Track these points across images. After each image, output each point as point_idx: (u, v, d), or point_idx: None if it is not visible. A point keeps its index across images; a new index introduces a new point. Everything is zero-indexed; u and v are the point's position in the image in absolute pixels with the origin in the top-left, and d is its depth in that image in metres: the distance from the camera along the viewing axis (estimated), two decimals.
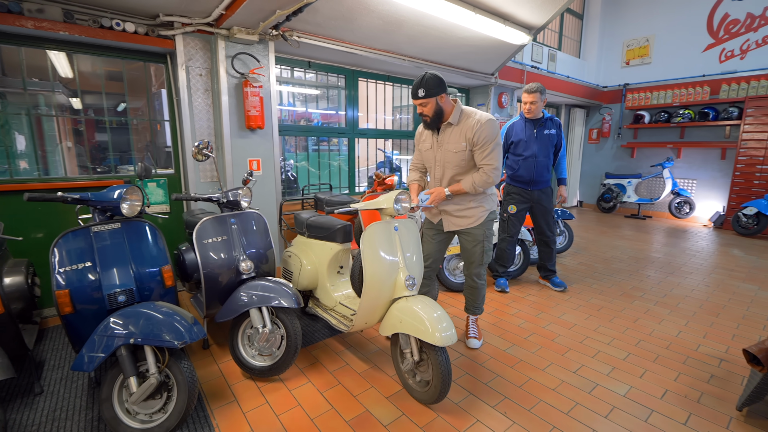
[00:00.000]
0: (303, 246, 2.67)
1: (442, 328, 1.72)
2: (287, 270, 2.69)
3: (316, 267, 2.54)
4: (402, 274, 1.93)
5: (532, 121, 3.19)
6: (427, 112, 2.08)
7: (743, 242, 5.43)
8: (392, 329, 1.89)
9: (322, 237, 2.51)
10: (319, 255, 2.52)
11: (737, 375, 2.21)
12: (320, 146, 4.96)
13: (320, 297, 2.55)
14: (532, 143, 3.16)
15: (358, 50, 3.79)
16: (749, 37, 6.01)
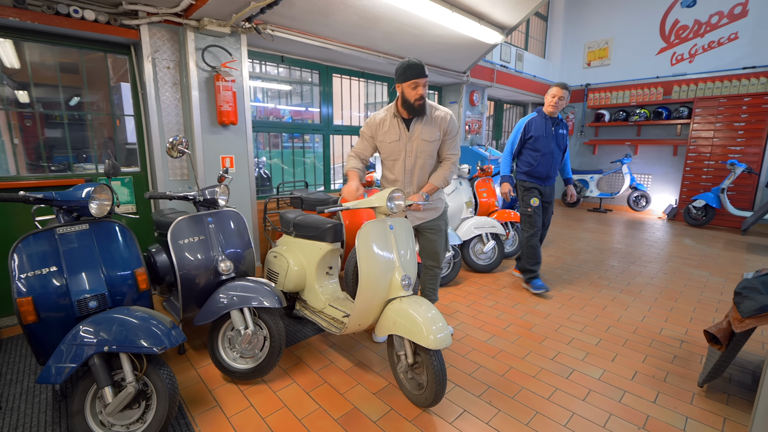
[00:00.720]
0: (290, 246, 2.59)
1: (437, 330, 1.67)
2: (272, 271, 2.60)
3: (303, 268, 2.47)
4: (398, 273, 1.88)
5: (550, 119, 3.25)
6: (423, 94, 2.08)
7: (694, 232, 5.86)
8: (387, 331, 1.84)
9: (311, 236, 2.44)
10: (308, 255, 2.46)
11: (696, 354, 2.39)
12: (294, 143, 4.87)
13: (308, 299, 2.49)
14: (551, 140, 3.22)
15: (334, 46, 3.74)
16: (697, 42, 6.47)
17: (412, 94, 2.04)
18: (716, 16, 6.23)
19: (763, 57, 5.82)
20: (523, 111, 8.45)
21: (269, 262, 2.64)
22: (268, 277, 2.62)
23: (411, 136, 2.18)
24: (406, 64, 2.03)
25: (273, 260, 2.61)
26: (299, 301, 2.55)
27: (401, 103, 2.13)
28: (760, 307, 1.74)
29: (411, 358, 1.83)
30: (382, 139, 2.22)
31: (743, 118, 5.86)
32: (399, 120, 2.18)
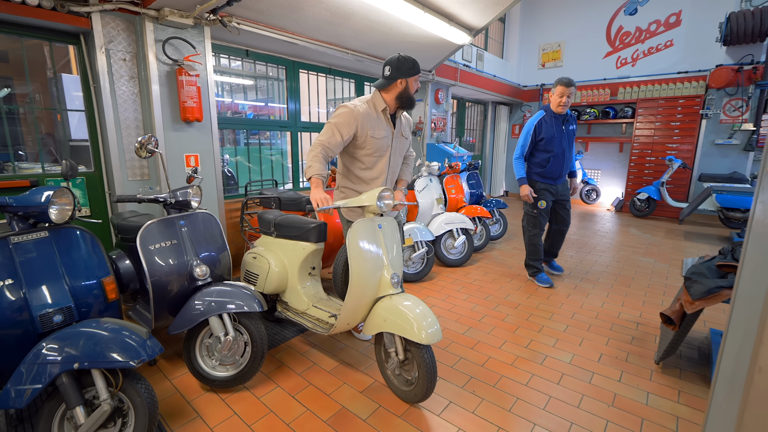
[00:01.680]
0: (270, 247, 2.50)
1: (427, 325, 1.71)
2: (250, 273, 2.50)
3: (285, 269, 2.40)
4: (387, 271, 1.89)
5: (560, 117, 3.22)
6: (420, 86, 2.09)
7: (639, 222, 6.39)
8: (377, 328, 1.84)
9: (294, 236, 2.37)
10: (290, 256, 2.39)
11: (650, 335, 2.62)
12: (252, 140, 4.71)
13: (289, 300, 2.43)
14: (562, 139, 3.20)
15: (302, 41, 3.66)
16: (638, 48, 7.02)
17: (413, 87, 2.06)
18: (654, 24, 6.79)
19: (694, 63, 6.43)
20: (483, 109, 8.74)
21: (247, 263, 2.54)
22: (246, 279, 2.52)
23: (396, 133, 2.18)
24: (411, 59, 2.01)
25: (252, 261, 2.50)
26: (280, 302, 2.49)
27: (398, 96, 2.04)
28: (707, 290, 1.94)
29: (402, 354, 1.85)
30: (371, 134, 2.05)
31: (678, 118, 6.45)
32: (387, 115, 2.11)
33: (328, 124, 2.00)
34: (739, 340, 1.03)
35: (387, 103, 2.08)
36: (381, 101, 2.07)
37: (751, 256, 1.09)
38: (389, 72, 2.01)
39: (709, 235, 5.51)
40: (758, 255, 0.98)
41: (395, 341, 1.86)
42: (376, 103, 2.08)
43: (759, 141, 5.88)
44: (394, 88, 2.03)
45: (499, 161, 8.98)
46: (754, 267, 1.01)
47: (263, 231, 2.59)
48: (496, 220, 4.93)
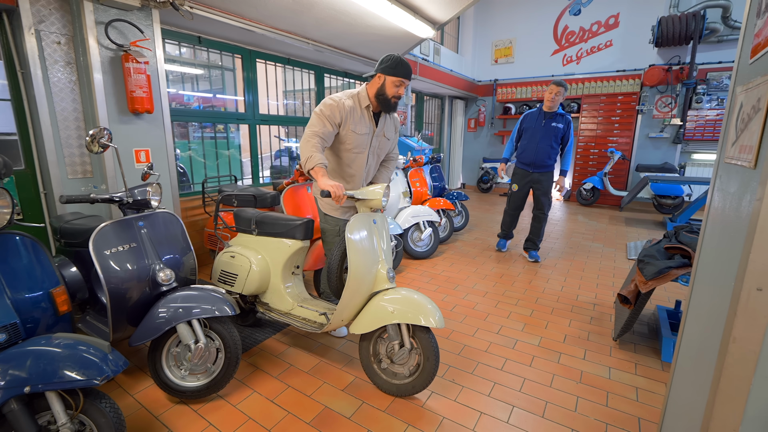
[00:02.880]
0: (250, 245, 2.36)
1: (433, 310, 1.79)
2: (227, 273, 2.33)
3: (267, 268, 2.28)
4: (382, 266, 1.91)
5: (544, 113, 3.62)
6: (402, 95, 2.03)
7: (585, 210, 6.87)
8: (379, 322, 1.80)
9: (278, 233, 2.25)
10: (273, 254, 2.27)
11: (606, 314, 2.83)
12: (216, 133, 4.45)
13: (271, 301, 2.31)
14: (538, 131, 3.63)
15: (261, 29, 3.48)
16: (582, 47, 7.48)
17: (393, 90, 1.98)
18: (596, 25, 7.27)
19: (630, 62, 6.98)
20: (440, 103, 8.90)
21: (223, 263, 2.36)
22: (222, 280, 2.36)
23: (378, 132, 2.15)
24: (398, 60, 1.94)
25: (229, 261, 2.34)
26: (260, 304, 2.36)
27: (375, 93, 2.01)
28: (658, 270, 2.13)
29: (409, 343, 1.84)
30: (353, 128, 2.03)
31: (618, 113, 6.99)
32: (370, 112, 2.08)
33: (317, 114, 1.97)
34: (705, 316, 1.14)
35: (370, 99, 2.05)
36: (365, 97, 2.05)
37: (711, 238, 1.20)
38: (375, 67, 2.01)
39: (645, 221, 6.06)
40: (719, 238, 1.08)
41: (402, 332, 1.84)
42: (361, 98, 2.06)
43: (685, 135, 6.53)
44: (374, 83, 2.02)
45: (457, 154, 9.22)
46: (716, 249, 1.11)
47: (241, 229, 2.43)
48: (459, 211, 5.07)
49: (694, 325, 1.24)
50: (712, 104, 6.35)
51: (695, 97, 6.37)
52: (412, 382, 1.88)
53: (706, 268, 1.20)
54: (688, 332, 1.28)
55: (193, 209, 3.70)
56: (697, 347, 1.15)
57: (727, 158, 1.09)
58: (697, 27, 5.81)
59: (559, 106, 3.64)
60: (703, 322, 1.14)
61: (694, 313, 1.26)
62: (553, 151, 3.68)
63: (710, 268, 1.15)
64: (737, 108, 1.08)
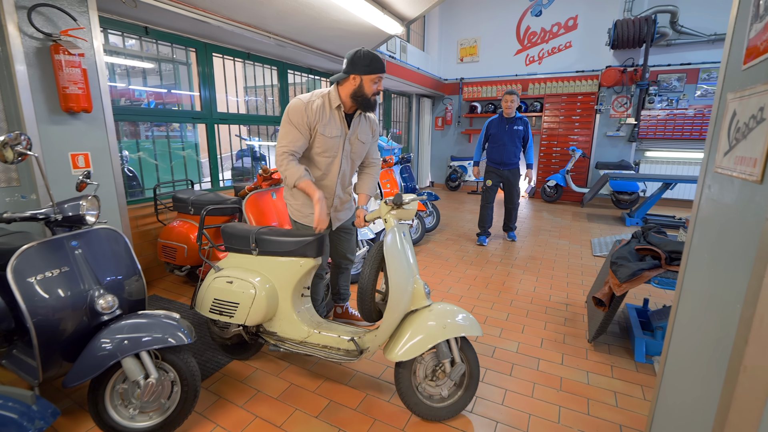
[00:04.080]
0: (250, 266, 2.03)
1: (472, 318, 1.77)
2: (223, 302, 1.98)
3: (274, 292, 1.98)
4: (417, 282, 1.76)
5: (506, 119, 4.27)
6: (381, 90, 1.95)
7: (549, 207, 7.06)
8: (431, 341, 1.65)
9: (287, 252, 1.94)
10: (282, 276, 1.97)
11: (579, 314, 2.85)
12: (168, 132, 4.10)
13: (280, 330, 2.03)
14: (503, 135, 4.29)
15: (216, 20, 3.20)
16: (543, 47, 7.66)
17: (371, 88, 1.87)
18: (556, 26, 7.46)
19: (588, 63, 7.22)
20: (408, 101, 8.83)
21: (216, 290, 2.00)
22: (215, 310, 2.01)
23: (350, 135, 2.00)
24: (372, 55, 1.82)
25: (226, 288, 1.98)
26: (267, 334, 2.06)
27: (352, 95, 1.88)
28: (632, 272, 2.14)
29: (459, 358, 1.72)
30: (321, 131, 1.91)
31: (578, 113, 7.22)
32: (341, 113, 1.95)
33: (286, 123, 1.90)
34: (699, 333, 1.09)
35: (342, 100, 1.91)
36: (336, 97, 1.92)
37: (702, 249, 1.16)
38: (344, 65, 1.86)
39: (605, 216, 6.30)
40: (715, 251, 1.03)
41: (452, 347, 1.72)
42: (332, 98, 1.93)
43: (639, 133, 6.85)
44: (347, 85, 1.88)
45: (425, 153, 9.20)
46: (712, 262, 1.07)
47: (235, 249, 2.07)
48: (430, 212, 5.00)
49: (685, 340, 1.20)
50: (663, 104, 6.70)
51: (648, 98, 6.70)
52: (458, 400, 1.80)
53: (697, 281, 1.16)
54: (677, 345, 1.25)
55: (144, 218, 3.37)
56: (689, 365, 1.12)
57: (719, 168, 1.04)
58: (649, 31, 6.08)
59: (515, 110, 4.27)
60: (697, 339, 1.10)
61: (684, 328, 1.22)
62: (518, 150, 4.38)
63: (703, 281, 1.11)
64: (728, 115, 1.03)
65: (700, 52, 6.36)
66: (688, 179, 5.32)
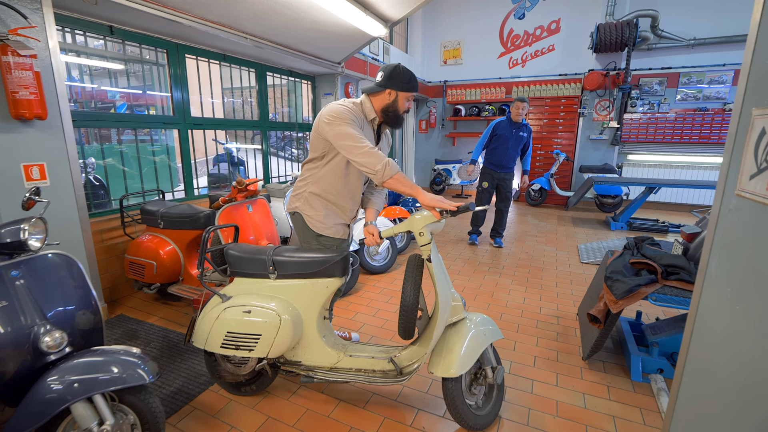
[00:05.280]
0: (270, 292, 1.81)
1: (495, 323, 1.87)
2: (241, 335, 1.73)
3: (299, 318, 1.79)
4: (454, 295, 1.76)
5: (514, 123, 4.25)
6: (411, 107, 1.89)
7: (534, 211, 7.04)
8: (479, 350, 1.71)
9: (312, 273, 1.77)
10: (306, 299, 1.79)
11: (570, 328, 2.77)
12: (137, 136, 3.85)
13: (304, 358, 1.86)
14: (509, 139, 4.26)
15: (187, 19, 3.00)
16: (527, 50, 7.66)
17: (404, 105, 1.83)
18: (539, 29, 7.47)
19: (571, 66, 7.25)
20: None
21: (230, 323, 1.74)
22: (228, 345, 1.75)
23: (378, 147, 1.93)
24: (410, 73, 1.79)
25: (244, 319, 1.73)
26: (290, 365, 1.87)
27: (383, 108, 1.82)
28: (628, 289, 2.05)
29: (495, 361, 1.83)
30: None
31: (561, 116, 7.24)
32: (374, 125, 1.90)
33: (344, 124, 1.67)
34: (723, 370, 0.99)
35: (376, 112, 1.85)
36: (371, 110, 1.84)
37: (723, 275, 1.05)
38: (380, 78, 1.78)
39: (590, 220, 6.31)
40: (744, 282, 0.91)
41: (490, 353, 1.80)
42: (366, 110, 1.84)
43: (622, 137, 6.91)
44: (381, 98, 1.81)
45: (409, 156, 9.09)
46: (736, 293, 0.96)
47: (246, 273, 1.83)
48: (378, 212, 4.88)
49: (700, 383, 1.09)
50: (645, 108, 6.77)
51: (630, 102, 6.76)
52: (492, 407, 1.84)
53: (715, 315, 1.05)
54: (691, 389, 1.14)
55: (111, 231, 3.13)
56: (707, 414, 1.01)
57: (744, 191, 0.94)
58: (631, 35, 6.13)
59: (523, 117, 4.25)
60: (717, 383, 0.99)
61: (700, 369, 1.10)
62: (517, 156, 4.40)
63: (725, 317, 1.00)
64: (755, 133, 0.93)
65: (681, 57, 6.45)
66: (671, 183, 5.35)
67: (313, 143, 1.85)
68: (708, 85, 6.33)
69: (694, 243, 2.20)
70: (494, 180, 4.43)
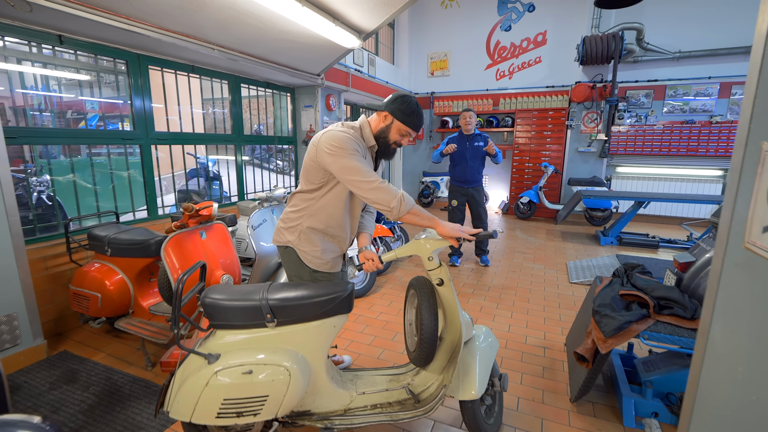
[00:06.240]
0: (271, 343, 1.52)
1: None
2: (243, 401, 1.42)
3: (307, 366, 1.54)
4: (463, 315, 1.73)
5: (466, 136, 4.16)
6: (404, 145, 1.75)
7: (523, 224, 6.87)
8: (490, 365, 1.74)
9: (319, 314, 1.54)
10: (313, 344, 1.56)
11: (558, 361, 2.55)
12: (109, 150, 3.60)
13: (314, 407, 1.65)
14: (465, 153, 4.15)
15: (144, 29, 2.78)
16: (513, 62, 7.58)
17: (396, 138, 1.68)
18: (526, 41, 7.40)
19: (558, 78, 7.17)
20: None
21: (224, 388, 1.41)
22: (227, 414, 1.43)
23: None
24: (416, 109, 1.65)
25: (243, 382, 1.42)
26: (301, 417, 1.63)
27: (378, 134, 1.68)
28: (618, 326, 1.84)
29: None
30: None
31: (549, 128, 7.13)
32: (373, 153, 1.75)
33: (348, 156, 1.52)
34: None
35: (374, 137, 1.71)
36: (370, 136, 1.69)
37: (724, 341, 0.85)
38: (384, 102, 1.68)
39: (579, 234, 6.15)
40: (744, 346, 0.71)
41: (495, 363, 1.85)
42: (366, 136, 1.69)
43: (610, 149, 6.80)
44: (377, 120, 1.69)
45: (396, 168, 8.92)
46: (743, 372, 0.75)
47: (235, 325, 1.50)
48: (398, 236, 4.67)
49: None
50: (632, 120, 6.69)
51: (617, 114, 6.67)
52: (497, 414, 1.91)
53: (719, 389, 0.85)
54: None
55: (58, 257, 2.86)
56: None
57: (754, 245, 0.74)
58: (617, 47, 6.06)
59: (474, 127, 4.17)
60: None
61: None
62: (481, 167, 4.28)
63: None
64: (765, 171, 0.73)
65: (667, 69, 6.40)
66: (660, 197, 5.22)
67: (309, 173, 1.65)
68: (694, 97, 6.27)
69: (689, 273, 2.01)
70: (463, 196, 4.31)
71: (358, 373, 1.87)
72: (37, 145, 3.14)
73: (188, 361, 1.50)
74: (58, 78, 3.25)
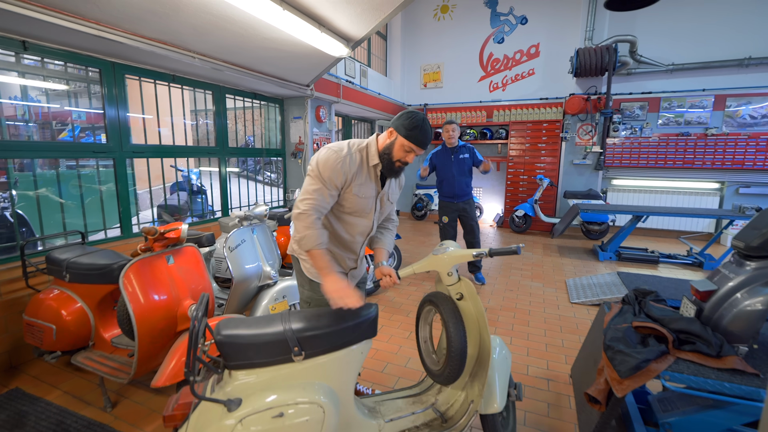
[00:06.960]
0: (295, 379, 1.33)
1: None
2: None
3: (336, 399, 1.35)
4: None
5: (450, 149, 3.99)
6: (410, 162, 1.63)
7: (518, 238, 6.70)
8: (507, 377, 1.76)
9: (346, 342, 1.38)
10: (341, 374, 1.40)
11: (563, 396, 2.33)
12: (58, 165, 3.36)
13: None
14: (451, 166, 3.98)
15: (116, 35, 2.59)
16: (507, 74, 7.51)
17: (400, 154, 1.59)
18: (519, 53, 7.34)
19: (552, 90, 7.10)
20: (370, 127, 8.41)
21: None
22: None
23: (382, 194, 1.72)
24: (422, 125, 1.55)
25: (275, 427, 1.23)
26: None
27: (382, 151, 1.61)
28: (635, 365, 1.64)
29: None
30: (356, 191, 1.62)
31: (544, 140, 7.02)
32: (377, 171, 1.66)
33: (315, 177, 1.56)
34: None
35: (379, 156, 1.64)
36: (375, 154, 1.63)
37: None
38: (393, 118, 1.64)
39: (576, 248, 5.98)
40: None
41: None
42: (371, 155, 1.63)
43: (605, 161, 6.70)
44: (384, 137, 1.63)
45: None
46: None
47: (257, 363, 1.28)
48: (391, 253, 4.45)
49: None
50: (627, 133, 6.61)
51: (612, 126, 6.59)
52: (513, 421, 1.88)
53: None
54: None
55: (14, 281, 2.60)
56: None
57: None
58: (611, 59, 6.00)
59: (458, 139, 4.01)
60: None
61: None
62: (469, 179, 4.09)
63: None
64: None
65: (661, 81, 6.35)
66: (659, 212, 5.09)
67: None
68: (688, 109, 6.22)
69: (710, 303, 1.82)
70: (453, 212, 4.12)
71: (377, 398, 1.78)
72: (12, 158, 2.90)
73: (201, 411, 1.27)
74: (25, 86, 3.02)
